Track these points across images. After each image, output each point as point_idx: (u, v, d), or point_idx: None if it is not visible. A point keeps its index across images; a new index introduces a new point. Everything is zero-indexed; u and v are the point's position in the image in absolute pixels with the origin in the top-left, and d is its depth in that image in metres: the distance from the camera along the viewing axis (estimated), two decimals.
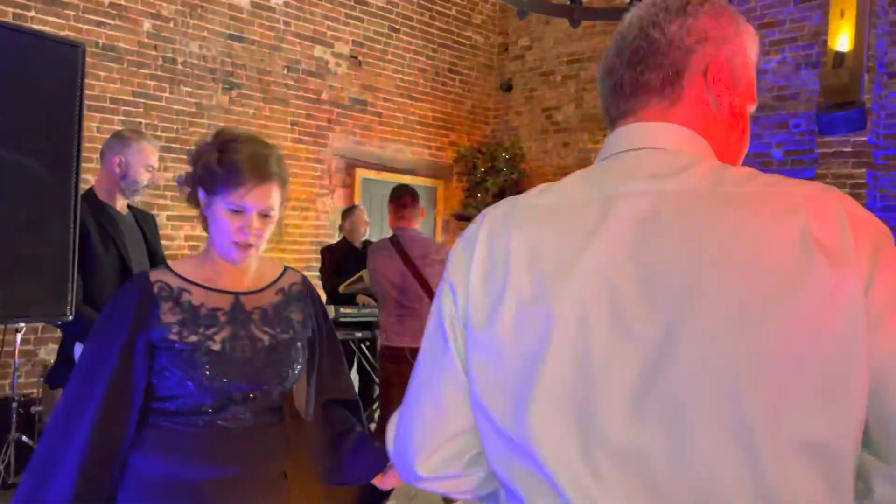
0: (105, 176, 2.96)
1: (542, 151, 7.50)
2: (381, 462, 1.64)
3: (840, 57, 4.77)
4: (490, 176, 7.34)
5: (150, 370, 1.54)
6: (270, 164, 1.57)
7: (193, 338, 1.54)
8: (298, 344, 1.67)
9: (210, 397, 1.54)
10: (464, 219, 3.91)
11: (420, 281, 3.90)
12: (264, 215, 1.57)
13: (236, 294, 1.63)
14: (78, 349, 2.82)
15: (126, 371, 1.52)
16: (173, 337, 1.53)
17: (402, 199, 4.19)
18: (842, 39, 4.99)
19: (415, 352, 2.84)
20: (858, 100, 4.72)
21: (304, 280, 1.78)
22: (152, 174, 3.01)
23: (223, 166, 1.54)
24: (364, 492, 1.73)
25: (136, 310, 1.55)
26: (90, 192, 2.92)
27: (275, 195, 1.57)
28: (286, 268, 1.77)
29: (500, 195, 7.39)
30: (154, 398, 1.56)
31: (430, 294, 4.00)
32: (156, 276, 1.60)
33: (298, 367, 1.67)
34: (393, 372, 4.04)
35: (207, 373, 1.53)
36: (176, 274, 1.60)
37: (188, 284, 1.59)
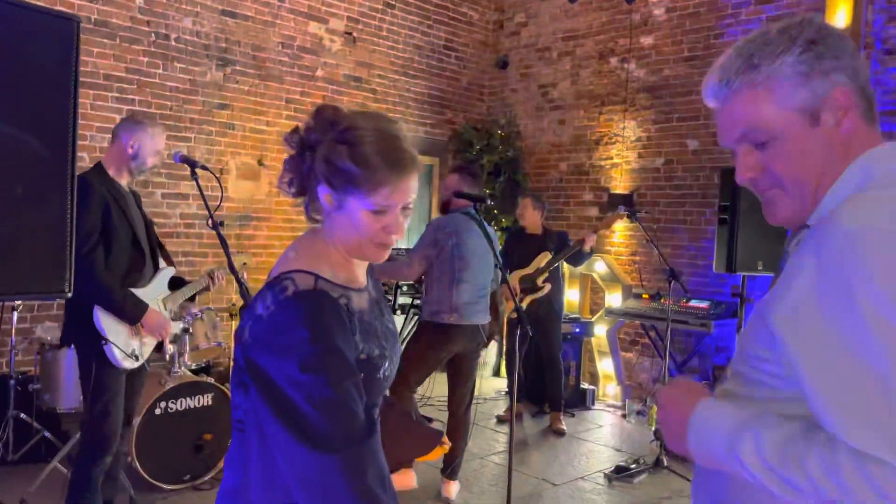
0: (116, 155, 3.19)
1: (538, 128, 7.47)
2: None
3: None
4: (486, 153, 7.32)
5: None
6: (407, 149, 1.36)
7: (377, 352, 1.39)
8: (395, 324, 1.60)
9: (382, 397, 1.48)
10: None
11: (496, 261, 3.77)
12: (406, 207, 1.37)
13: (367, 290, 1.47)
14: (98, 315, 3.05)
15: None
16: (363, 357, 1.36)
17: (480, 178, 4.11)
18: (839, 15, 4.97)
19: (485, 328, 3.37)
20: None
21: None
22: (158, 159, 3.27)
23: (359, 163, 1.31)
24: None
25: (344, 331, 1.33)
26: (101, 169, 3.17)
27: (416, 181, 1.38)
28: None
29: (496, 173, 7.38)
30: None
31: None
32: (323, 285, 1.33)
33: None
34: (440, 347, 3.93)
35: (386, 377, 1.44)
36: (329, 281, 1.35)
37: (343, 290, 1.37)
